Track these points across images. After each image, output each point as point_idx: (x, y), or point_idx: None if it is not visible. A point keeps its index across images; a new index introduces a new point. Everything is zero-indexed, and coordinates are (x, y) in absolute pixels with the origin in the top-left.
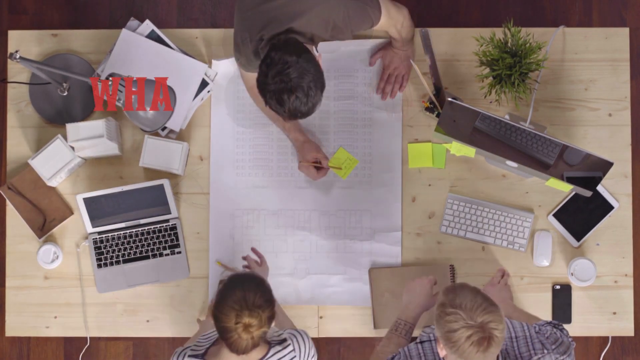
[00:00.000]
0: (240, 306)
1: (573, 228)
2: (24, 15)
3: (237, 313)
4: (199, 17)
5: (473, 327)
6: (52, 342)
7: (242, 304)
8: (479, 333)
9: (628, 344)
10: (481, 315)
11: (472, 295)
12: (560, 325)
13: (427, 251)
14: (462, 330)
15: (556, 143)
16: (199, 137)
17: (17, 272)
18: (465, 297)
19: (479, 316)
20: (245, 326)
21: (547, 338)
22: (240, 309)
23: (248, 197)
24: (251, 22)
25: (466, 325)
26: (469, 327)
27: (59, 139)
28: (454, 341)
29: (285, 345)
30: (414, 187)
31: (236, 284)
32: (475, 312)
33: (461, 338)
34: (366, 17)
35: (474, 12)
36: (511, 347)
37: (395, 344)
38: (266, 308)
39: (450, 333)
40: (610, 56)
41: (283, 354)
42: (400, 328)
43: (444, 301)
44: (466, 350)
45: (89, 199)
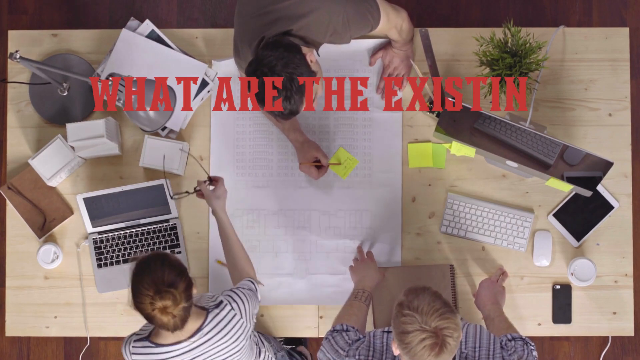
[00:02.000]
0: (152, 291)
1: (573, 228)
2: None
3: (150, 300)
4: (199, 17)
5: (427, 332)
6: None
7: (153, 288)
8: (432, 338)
9: (628, 344)
10: (436, 320)
11: (431, 299)
12: (531, 344)
13: (427, 251)
14: (416, 333)
15: (556, 143)
16: (199, 137)
17: (17, 272)
18: (424, 300)
19: (433, 321)
20: (161, 309)
21: (510, 355)
22: (153, 294)
23: (248, 197)
24: (251, 27)
25: (420, 329)
26: (422, 331)
27: (59, 139)
28: (406, 342)
29: (222, 307)
30: (414, 187)
31: (142, 269)
32: (431, 316)
33: (413, 340)
34: (366, 22)
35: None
36: (472, 355)
37: (357, 307)
38: (179, 283)
39: (403, 334)
40: (610, 56)
41: (222, 316)
42: (360, 295)
43: (403, 301)
44: (417, 353)
45: (89, 199)
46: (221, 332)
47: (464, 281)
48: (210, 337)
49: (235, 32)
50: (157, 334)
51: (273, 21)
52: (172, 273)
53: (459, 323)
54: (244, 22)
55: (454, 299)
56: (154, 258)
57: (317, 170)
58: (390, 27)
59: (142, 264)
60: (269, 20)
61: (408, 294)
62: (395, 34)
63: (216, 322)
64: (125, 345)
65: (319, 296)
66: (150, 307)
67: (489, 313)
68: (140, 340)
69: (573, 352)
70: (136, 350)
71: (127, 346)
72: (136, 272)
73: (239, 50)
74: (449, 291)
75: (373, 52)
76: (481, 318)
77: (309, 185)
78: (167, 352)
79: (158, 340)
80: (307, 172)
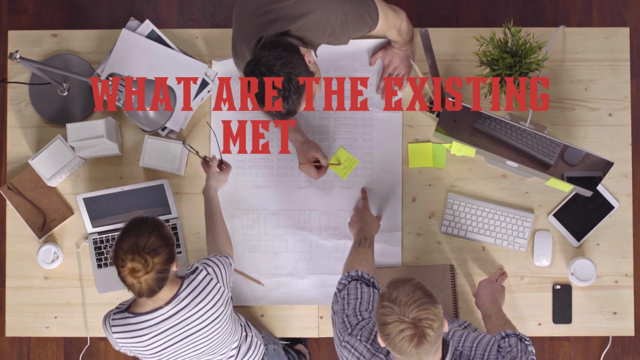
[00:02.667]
0: (129, 251)
1: (573, 228)
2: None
3: (122, 257)
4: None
5: (405, 322)
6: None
7: (133, 249)
8: (411, 329)
9: (628, 344)
10: (414, 311)
11: (411, 290)
12: (526, 339)
13: (427, 251)
14: (395, 324)
15: (556, 143)
16: (199, 137)
17: (17, 272)
18: (403, 291)
19: (412, 312)
20: (130, 270)
21: (503, 357)
22: (126, 253)
23: (248, 197)
24: (249, 27)
25: (398, 320)
26: (401, 322)
27: (59, 139)
28: (386, 334)
29: (198, 272)
30: (414, 187)
31: (132, 227)
32: (409, 307)
33: (393, 331)
34: (364, 22)
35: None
36: (467, 354)
37: (364, 253)
38: (158, 253)
39: (383, 326)
40: (610, 56)
41: (198, 281)
42: (363, 242)
43: (384, 293)
44: (397, 344)
45: (89, 199)
46: (199, 297)
47: (464, 281)
48: (187, 303)
49: (234, 31)
50: (136, 304)
51: (271, 21)
52: (157, 242)
53: (438, 314)
54: (243, 21)
55: (454, 299)
56: (149, 222)
57: (317, 171)
58: (389, 28)
59: (135, 222)
60: (267, 20)
61: (389, 286)
62: (395, 34)
63: (192, 287)
64: (105, 321)
65: (318, 296)
66: (120, 264)
67: (487, 311)
68: (119, 312)
69: (573, 352)
70: (115, 323)
71: (106, 320)
72: (126, 227)
73: (237, 49)
74: (449, 291)
75: (373, 52)
76: (481, 318)
77: (309, 185)
78: (146, 321)
79: (136, 309)
80: (307, 172)
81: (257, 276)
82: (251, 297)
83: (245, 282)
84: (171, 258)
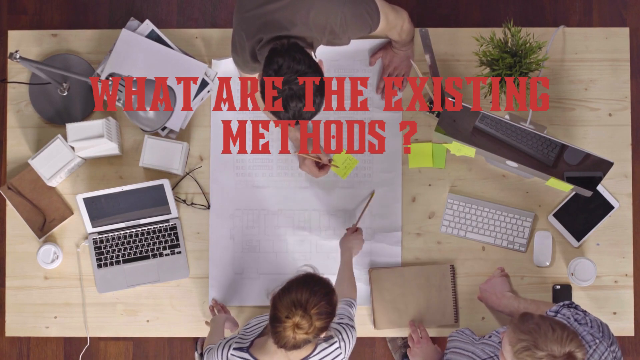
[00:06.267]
0: (301, 308)
1: (573, 228)
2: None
3: (292, 310)
4: (199, 17)
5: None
6: (52, 342)
7: (305, 306)
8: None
9: (628, 344)
10: (567, 345)
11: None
12: (573, 304)
13: (427, 251)
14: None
15: (556, 143)
16: (199, 137)
17: (17, 272)
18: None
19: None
20: (294, 325)
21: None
22: (298, 309)
23: (248, 197)
24: (249, 24)
25: None
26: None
27: (59, 139)
28: None
29: (332, 342)
30: (414, 187)
31: (308, 282)
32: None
33: None
34: (364, 23)
35: (474, 12)
36: None
37: None
38: (323, 319)
39: None
40: (610, 56)
41: (328, 352)
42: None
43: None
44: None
45: (89, 199)
46: None
47: (464, 281)
48: None
49: (234, 28)
50: (260, 348)
51: (271, 21)
52: (326, 307)
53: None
54: (243, 18)
55: (454, 299)
56: (324, 284)
57: (319, 169)
58: (390, 28)
59: (311, 279)
60: (267, 20)
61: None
62: (396, 34)
63: (322, 356)
64: (221, 349)
65: None
66: (285, 314)
67: (509, 309)
68: (240, 349)
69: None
70: (234, 359)
71: (224, 350)
72: (301, 280)
73: (236, 47)
74: (449, 291)
75: (373, 52)
76: (481, 318)
77: (309, 185)
78: None
79: (259, 355)
80: (308, 171)
81: (257, 276)
82: (251, 297)
83: (245, 282)
84: (327, 327)
